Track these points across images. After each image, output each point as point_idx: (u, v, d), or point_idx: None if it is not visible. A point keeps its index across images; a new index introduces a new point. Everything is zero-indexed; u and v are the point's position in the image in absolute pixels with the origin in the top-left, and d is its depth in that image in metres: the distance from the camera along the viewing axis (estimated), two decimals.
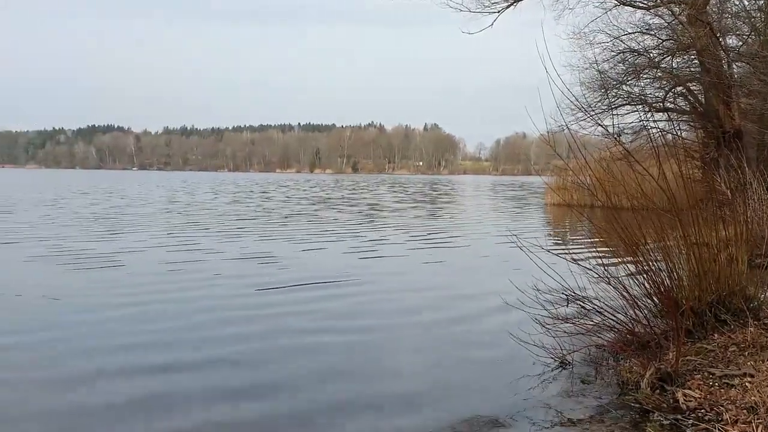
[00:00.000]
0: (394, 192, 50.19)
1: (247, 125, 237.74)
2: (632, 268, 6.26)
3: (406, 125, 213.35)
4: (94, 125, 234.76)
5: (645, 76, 22.10)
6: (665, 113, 22.42)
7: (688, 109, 23.16)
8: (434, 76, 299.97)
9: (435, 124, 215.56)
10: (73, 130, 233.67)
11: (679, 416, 4.41)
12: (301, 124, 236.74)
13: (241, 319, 7.53)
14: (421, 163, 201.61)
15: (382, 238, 16.43)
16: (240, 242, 14.89)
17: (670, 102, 22.99)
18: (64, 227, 17.66)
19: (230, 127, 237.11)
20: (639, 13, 21.35)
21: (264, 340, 6.67)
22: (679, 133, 19.96)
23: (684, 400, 4.58)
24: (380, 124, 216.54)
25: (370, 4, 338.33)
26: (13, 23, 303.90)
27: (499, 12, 20.49)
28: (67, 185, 54.42)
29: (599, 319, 6.10)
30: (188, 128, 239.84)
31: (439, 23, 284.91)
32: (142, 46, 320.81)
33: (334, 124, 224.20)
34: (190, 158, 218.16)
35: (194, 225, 19.06)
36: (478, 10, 20.26)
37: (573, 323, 6.29)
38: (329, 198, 38.44)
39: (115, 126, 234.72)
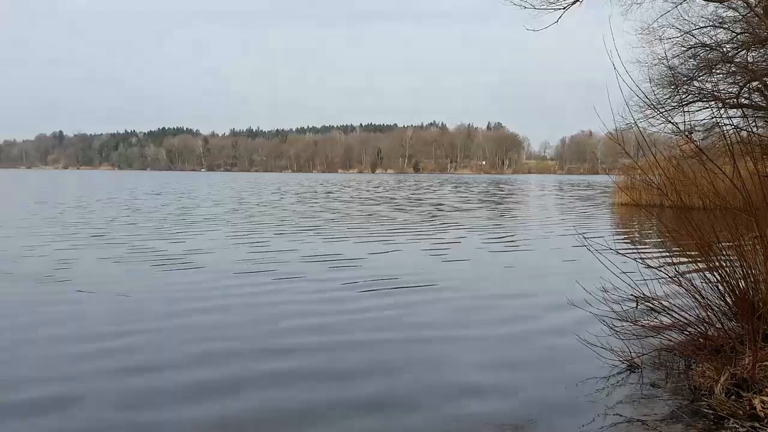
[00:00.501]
0: (459, 192, 49.83)
1: (310, 126, 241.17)
2: (704, 269, 6.05)
3: (469, 124, 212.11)
4: (164, 128, 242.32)
5: (718, 71, 21.34)
6: (739, 109, 21.55)
7: (764, 104, 22.21)
8: (497, 74, 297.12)
9: (498, 122, 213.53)
10: (144, 133, 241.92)
11: (757, 424, 4.26)
12: (363, 125, 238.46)
13: (328, 325, 7.42)
14: (483, 163, 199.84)
15: (452, 238, 16.33)
16: (311, 243, 14.89)
17: (744, 98, 22.09)
18: (141, 227, 18.28)
19: (294, 129, 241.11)
20: (711, 6, 20.64)
21: (359, 346, 6.64)
22: (754, 130, 19.16)
23: (762, 407, 4.41)
24: (442, 123, 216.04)
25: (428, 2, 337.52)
26: (87, 30, 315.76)
27: (564, 8, 20.12)
28: (139, 186, 56.27)
29: (669, 321, 5.93)
30: (254, 130, 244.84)
31: (502, 21, 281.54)
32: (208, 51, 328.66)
33: (395, 124, 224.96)
34: (256, 159, 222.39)
35: (265, 225, 19.43)
36: (543, 7, 19.95)
37: (642, 325, 6.14)
38: (393, 198, 38.49)
39: (185, 128, 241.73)
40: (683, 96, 21.33)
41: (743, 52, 20.82)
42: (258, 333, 6.94)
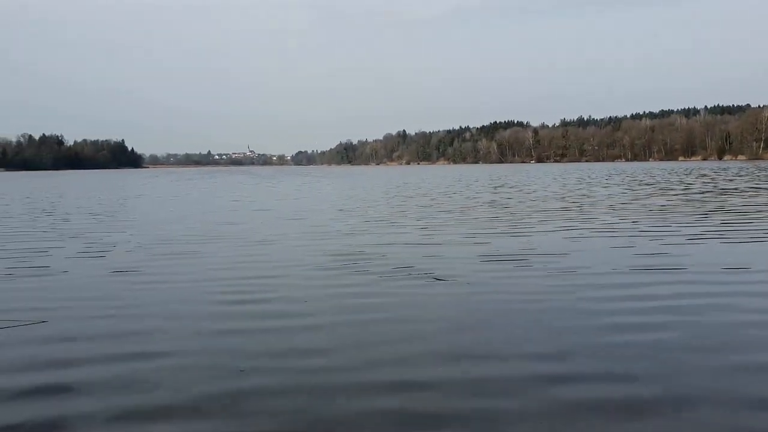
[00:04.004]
0: None
1: (647, 111, 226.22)
2: None
3: None
4: (495, 122, 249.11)
5: None
6: None
7: None
8: None
9: None
10: (477, 128, 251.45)
11: None
12: (708, 107, 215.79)
13: None
14: None
15: None
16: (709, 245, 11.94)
17: None
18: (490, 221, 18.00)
19: (628, 115, 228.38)
20: None
21: None
22: None
23: None
24: None
25: None
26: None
27: None
28: (478, 178, 57.79)
29: None
30: (585, 119, 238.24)
31: None
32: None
33: (748, 105, 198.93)
34: (587, 149, 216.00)
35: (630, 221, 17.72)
36: None
37: None
38: None
39: (515, 121, 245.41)
40: None
41: None
42: None
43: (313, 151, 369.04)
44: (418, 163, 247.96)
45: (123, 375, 4.79)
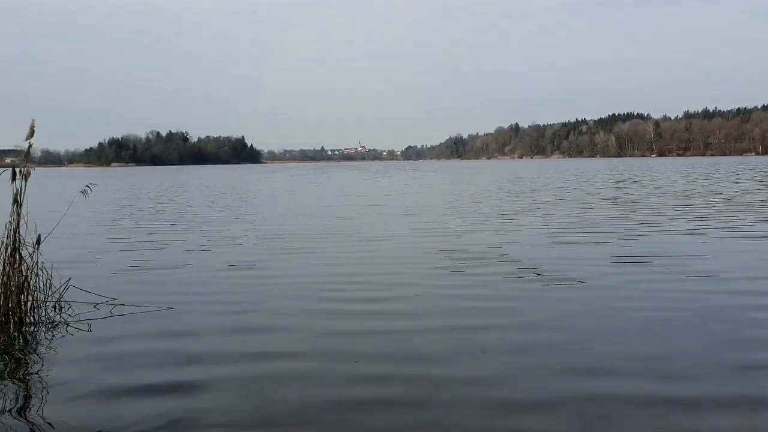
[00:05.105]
0: None
1: None
2: None
3: None
4: (614, 114, 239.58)
5: None
6: None
7: None
8: None
9: None
10: (594, 120, 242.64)
11: None
12: None
13: None
14: None
15: None
16: None
17: None
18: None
19: (759, 106, 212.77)
20: None
21: None
22: None
23: None
24: None
25: None
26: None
27: None
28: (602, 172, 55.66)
29: None
30: (710, 110, 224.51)
31: None
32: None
33: None
34: (712, 142, 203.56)
35: None
36: None
37: None
38: None
39: (635, 113, 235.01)
40: None
41: None
42: None
43: (422, 145, 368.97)
44: (531, 157, 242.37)
45: (242, 373, 4.73)
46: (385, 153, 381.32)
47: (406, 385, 4.47)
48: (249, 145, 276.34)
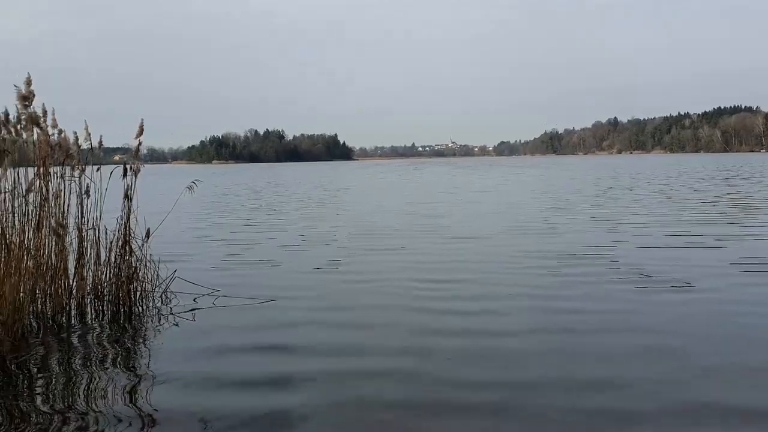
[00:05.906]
0: None
1: None
2: None
3: None
4: (719, 107, 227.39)
5: None
6: None
7: None
8: None
9: None
10: (699, 114, 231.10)
11: None
12: None
13: None
14: None
15: None
16: None
17: None
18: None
19: None
20: None
21: None
22: None
23: None
24: None
25: None
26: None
27: None
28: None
29: None
30: None
31: None
32: None
33: None
34: None
35: None
36: None
37: None
38: None
39: (743, 107, 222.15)
40: None
41: None
42: None
43: (516, 141, 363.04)
44: (631, 153, 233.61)
45: (338, 368, 4.77)
46: (476, 149, 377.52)
47: (500, 389, 4.35)
48: (342, 142, 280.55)
